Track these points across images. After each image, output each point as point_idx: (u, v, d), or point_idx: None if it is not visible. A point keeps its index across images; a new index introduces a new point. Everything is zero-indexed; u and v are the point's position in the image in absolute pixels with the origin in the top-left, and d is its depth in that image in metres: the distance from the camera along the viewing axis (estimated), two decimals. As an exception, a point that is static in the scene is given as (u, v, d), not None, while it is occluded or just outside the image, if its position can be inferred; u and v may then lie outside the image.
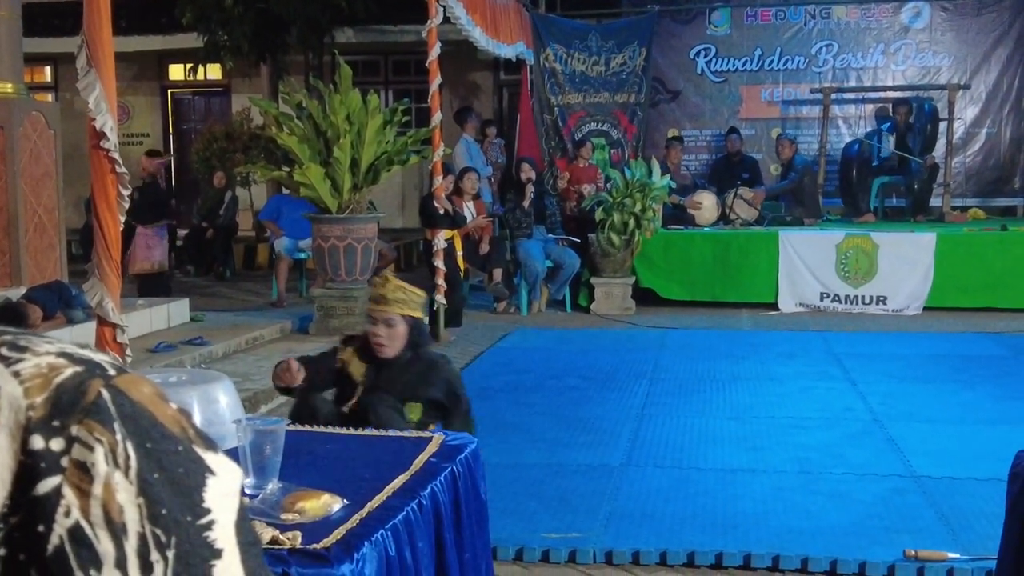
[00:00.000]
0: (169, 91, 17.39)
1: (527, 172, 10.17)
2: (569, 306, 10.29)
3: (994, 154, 12.93)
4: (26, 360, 0.58)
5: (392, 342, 3.72)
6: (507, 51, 11.29)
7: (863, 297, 9.90)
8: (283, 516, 1.87)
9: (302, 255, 10.71)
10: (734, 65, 13.15)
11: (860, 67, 13.03)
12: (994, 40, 12.80)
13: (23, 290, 7.16)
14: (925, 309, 9.77)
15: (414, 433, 2.40)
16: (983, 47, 12.82)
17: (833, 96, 12.57)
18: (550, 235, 10.36)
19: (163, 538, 0.57)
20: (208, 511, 0.60)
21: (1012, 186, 12.98)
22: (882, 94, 12.79)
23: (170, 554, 0.57)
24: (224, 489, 0.61)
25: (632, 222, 9.78)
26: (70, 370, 0.58)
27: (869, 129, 12.56)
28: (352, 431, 2.55)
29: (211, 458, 0.62)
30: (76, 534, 0.54)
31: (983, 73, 12.82)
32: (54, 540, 0.54)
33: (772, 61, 13.11)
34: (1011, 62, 12.80)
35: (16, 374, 0.57)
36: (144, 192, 10.28)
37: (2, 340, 0.58)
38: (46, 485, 0.54)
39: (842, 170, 12.13)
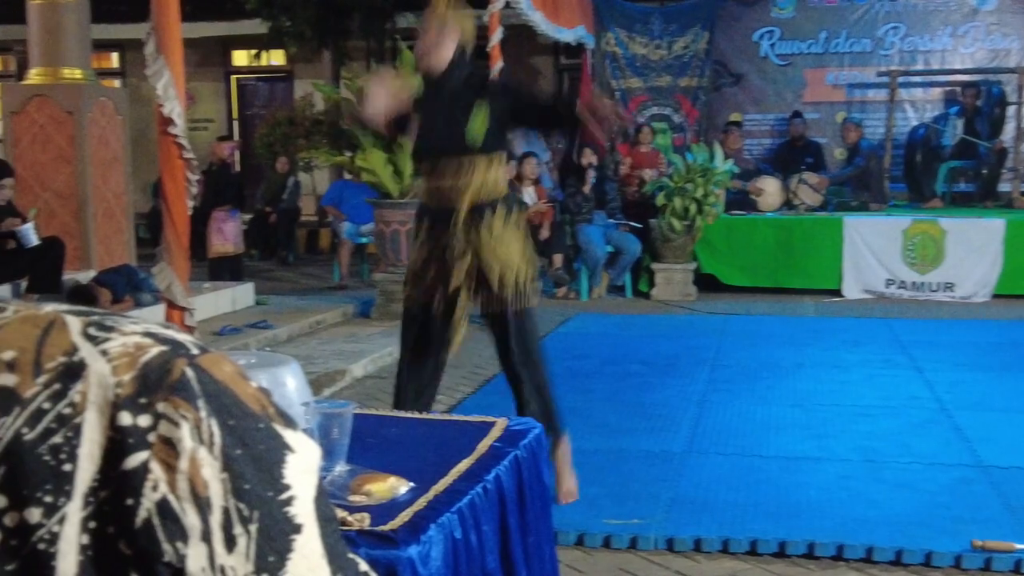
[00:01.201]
0: (233, 77, 17.58)
1: (588, 157, 10.15)
2: (629, 292, 10.26)
3: (1066, 138, 12.62)
4: (113, 339, 0.59)
5: (435, 53, 3.82)
6: (568, 35, 11.25)
7: (930, 284, 9.74)
8: (351, 498, 1.89)
9: (364, 240, 10.80)
10: (799, 48, 12.98)
11: (927, 50, 12.78)
12: (1067, 21, 12.48)
13: (92, 273, 7.31)
14: (994, 296, 9.60)
15: (478, 418, 2.41)
16: (1055, 29, 12.51)
17: (900, 79, 12.35)
18: (611, 220, 10.33)
19: (246, 512, 0.58)
20: (288, 487, 0.61)
21: (1085, 171, 12.66)
22: (950, 77, 12.54)
23: (253, 528, 0.58)
24: (303, 466, 0.62)
25: (693, 207, 9.72)
26: (155, 349, 0.59)
27: (936, 113, 12.33)
28: (417, 415, 2.57)
29: (291, 436, 0.63)
30: (163, 508, 0.55)
31: (1054, 56, 12.51)
32: (142, 513, 0.55)
33: (838, 44, 12.91)
34: (1084, 44, 12.47)
35: (104, 352, 0.58)
36: (216, 177, 10.42)
37: (90, 320, 0.60)
38: (134, 460, 0.55)
39: (908, 155, 11.91)
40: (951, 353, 7.24)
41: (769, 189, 10.61)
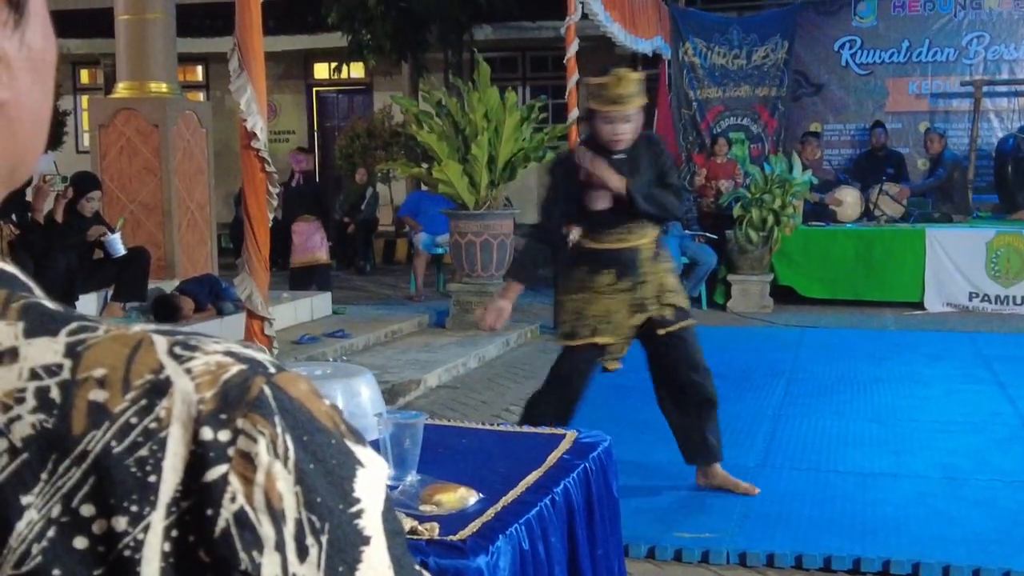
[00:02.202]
0: (314, 89, 17.86)
1: (664, 168, 10.10)
2: (705, 303, 10.19)
3: None
4: (197, 358, 0.62)
5: (632, 135, 4.11)
6: (645, 46, 11.23)
7: (1014, 297, 9.52)
8: (421, 507, 1.93)
9: (440, 250, 10.88)
10: (880, 57, 12.78)
11: (1013, 59, 12.50)
12: None
13: (176, 283, 7.49)
14: (1081, 310, 9.35)
15: (547, 430, 2.44)
16: None
17: (984, 89, 12.10)
18: (686, 231, 10.27)
19: (318, 524, 0.61)
20: (358, 500, 0.64)
21: None
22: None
23: (323, 539, 0.61)
24: (372, 481, 0.65)
25: (771, 218, 9.63)
26: (236, 368, 0.63)
27: (1023, 123, 12.05)
28: (487, 426, 2.60)
29: (360, 451, 0.66)
30: (241, 518, 0.58)
31: None
32: (221, 523, 0.58)
33: (920, 53, 12.69)
34: None
35: (188, 371, 0.61)
36: (300, 188, 10.58)
37: (175, 340, 0.63)
38: (214, 472, 0.59)
39: (998, 165, 11.66)
40: (1035, 368, 7.07)
41: (848, 200, 10.47)
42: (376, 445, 2.01)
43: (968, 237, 9.73)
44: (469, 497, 1.97)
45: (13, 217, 6.54)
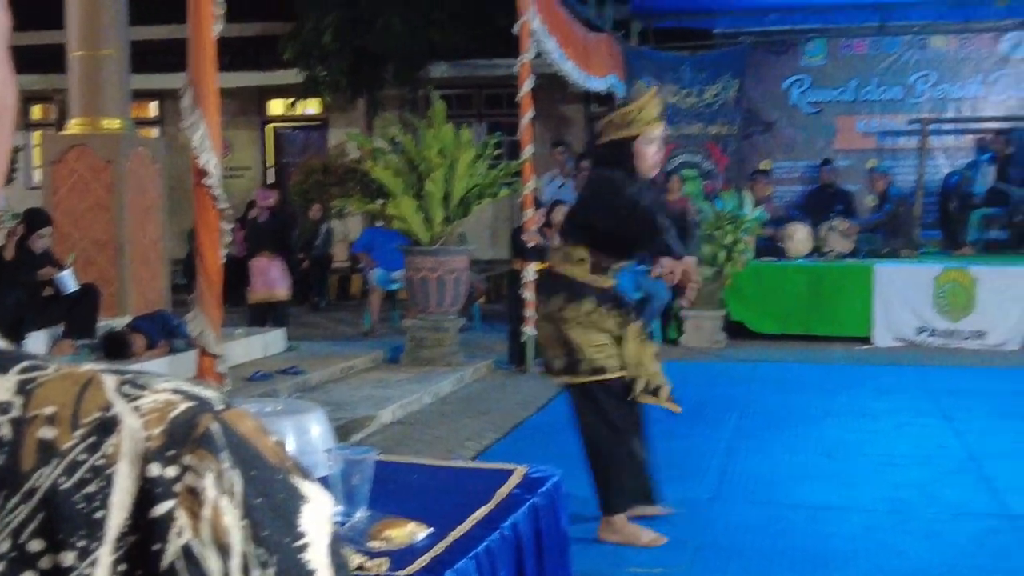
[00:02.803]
0: (269, 125, 17.83)
1: (618, 204, 10.19)
2: (659, 338, 10.25)
3: (1099, 185, 12.56)
4: (145, 396, 0.65)
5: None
6: (599, 84, 11.36)
7: (961, 332, 9.69)
8: (370, 543, 1.94)
9: (394, 286, 10.89)
10: (829, 96, 13.03)
11: (958, 97, 12.80)
12: (1099, 69, 12.47)
13: (128, 319, 7.43)
14: (1026, 344, 9.53)
15: (498, 465, 2.46)
16: (1087, 75, 12.50)
17: (931, 127, 12.37)
18: (640, 267, 10.35)
19: (264, 557, 0.63)
20: (304, 534, 0.66)
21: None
22: (981, 125, 12.53)
23: (270, 572, 0.63)
24: (318, 515, 0.67)
25: (723, 254, 9.74)
26: (184, 405, 0.65)
27: (968, 160, 12.31)
28: (438, 462, 2.62)
29: (306, 486, 0.68)
30: (187, 552, 0.60)
31: (1087, 102, 12.49)
32: (168, 558, 0.60)
33: (868, 92, 12.95)
34: (1116, 90, 12.45)
35: (136, 408, 0.64)
36: (265, 224, 10.53)
37: (124, 378, 0.66)
38: (162, 508, 0.61)
39: (942, 202, 11.90)
40: (981, 401, 7.19)
41: (798, 236, 10.62)
42: (326, 481, 2.02)
43: (915, 272, 9.90)
44: (418, 532, 1.99)
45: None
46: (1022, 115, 12.33)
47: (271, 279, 10.06)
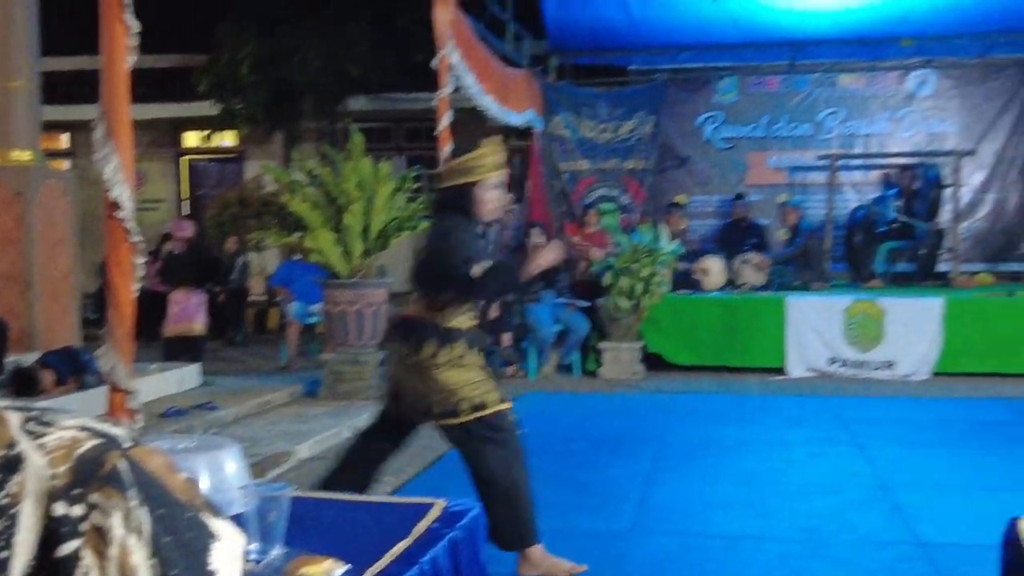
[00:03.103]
0: (184, 158, 17.62)
1: (536, 237, 10.27)
2: (578, 370, 10.33)
3: (1001, 219, 13.01)
4: (50, 434, 0.64)
5: None
6: (517, 119, 11.45)
7: (871, 362, 9.91)
8: (287, 581, 1.91)
9: (313, 320, 10.80)
10: (741, 132, 13.32)
11: (866, 134, 13.18)
12: (1000, 106, 12.94)
13: (37, 355, 7.24)
14: (934, 374, 9.77)
15: (416, 499, 2.45)
16: (989, 113, 12.96)
17: (840, 162, 12.71)
18: (559, 299, 10.42)
19: None
20: (214, 573, 0.65)
21: (1020, 251, 13.03)
22: (888, 160, 12.91)
23: None
24: (228, 553, 0.67)
25: (640, 287, 9.85)
26: (90, 443, 0.64)
27: (875, 195, 12.67)
28: (356, 497, 2.60)
29: (216, 524, 0.68)
30: None
31: (989, 139, 12.94)
32: None
33: (779, 128, 13.27)
34: (1017, 128, 12.93)
35: (41, 447, 0.63)
36: (183, 256, 10.36)
37: (29, 416, 0.64)
38: (68, 547, 0.60)
39: (848, 235, 12.21)
40: (891, 430, 7.36)
41: (713, 269, 10.80)
42: (241, 519, 1.99)
43: (826, 304, 10.11)
44: (335, 569, 1.97)
45: None
46: (927, 151, 12.73)
47: (188, 312, 9.89)
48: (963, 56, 12.90)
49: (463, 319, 4.23)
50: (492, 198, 4.21)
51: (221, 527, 0.67)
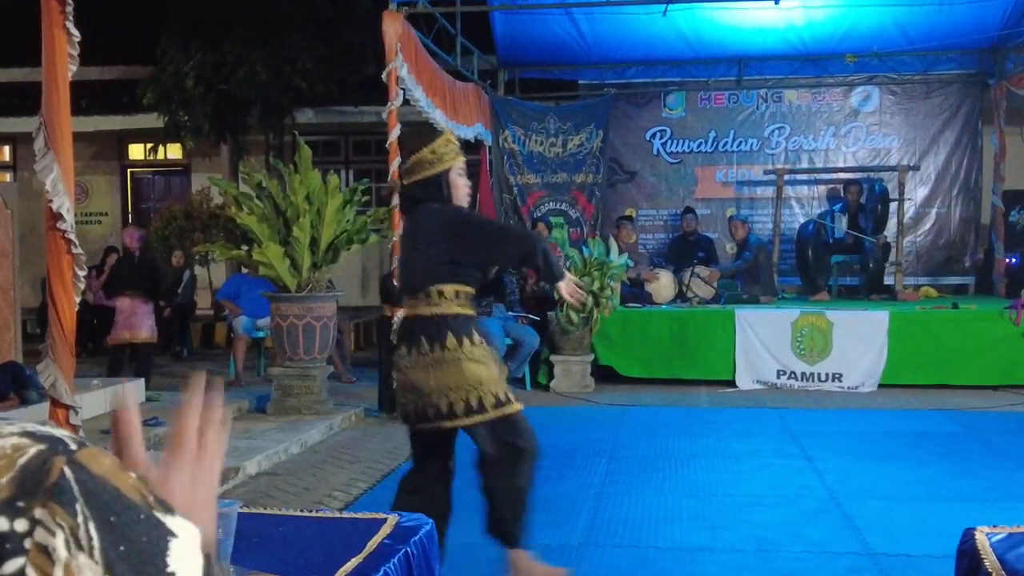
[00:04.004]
0: (129, 170, 17.39)
1: (486, 251, 10.23)
2: (529, 384, 10.30)
3: (944, 233, 13.22)
4: None
5: None
6: (466, 132, 11.44)
7: (819, 374, 9.99)
8: (235, 600, 1.86)
9: (261, 334, 10.69)
10: (689, 147, 13.43)
11: (812, 149, 13.35)
12: (942, 122, 13.17)
13: (-24, 371, 7.07)
14: (880, 386, 9.87)
15: (368, 515, 2.40)
16: (932, 129, 13.18)
17: (786, 177, 12.84)
18: (509, 313, 10.40)
19: None
20: (173, 572, 0.61)
21: (962, 265, 13.25)
22: (834, 175, 13.07)
23: None
24: (186, 550, 0.63)
25: (590, 300, 9.86)
26: (33, 449, 0.60)
27: (822, 209, 12.81)
28: (306, 513, 2.54)
29: (171, 521, 0.64)
30: None
31: (932, 154, 13.16)
32: None
33: (726, 143, 13.39)
34: (959, 143, 13.15)
35: (-18, 456, 0.58)
36: (132, 265, 10.13)
37: None
38: (11, 566, 0.56)
39: (799, 249, 12.34)
40: (840, 442, 7.41)
41: (663, 281, 10.85)
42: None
43: (774, 317, 10.19)
44: (286, 587, 1.92)
45: None
46: (871, 166, 12.90)
47: (134, 320, 9.69)
48: (906, 72, 13.11)
49: (470, 310, 4.18)
50: (464, 183, 4.19)
51: (176, 524, 0.63)
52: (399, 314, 8.67)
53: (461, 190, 4.19)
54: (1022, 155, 13.86)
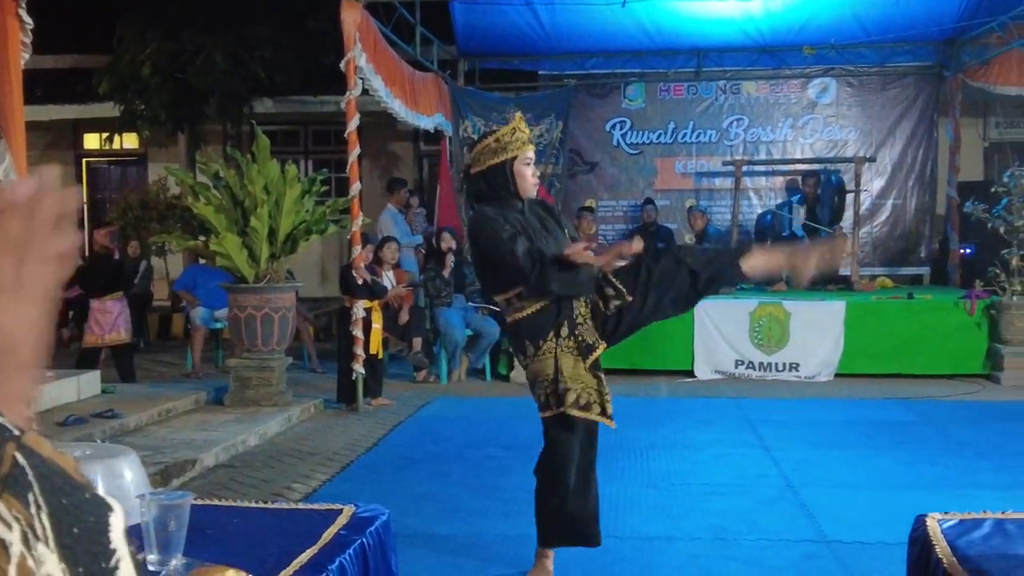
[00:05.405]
0: (84, 160, 17.17)
1: (448, 242, 10.23)
2: (489, 375, 10.31)
3: (900, 224, 13.36)
4: None
5: None
6: (426, 122, 11.41)
7: (776, 364, 10.08)
8: (188, 592, 1.85)
9: (218, 325, 10.61)
10: (648, 138, 13.46)
11: (770, 140, 13.43)
12: (898, 114, 13.29)
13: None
14: (836, 375, 9.97)
15: (324, 506, 2.39)
16: (888, 121, 13.30)
17: (744, 168, 12.91)
18: (470, 304, 10.40)
19: None
20: (115, 551, 0.61)
21: (918, 255, 13.40)
22: (791, 167, 13.16)
23: None
24: (120, 522, 0.63)
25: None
26: None
27: (780, 200, 12.90)
28: (261, 504, 2.53)
29: (105, 496, 0.64)
30: None
31: (888, 146, 13.29)
32: None
33: (685, 134, 13.45)
34: (915, 135, 13.29)
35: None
36: (97, 264, 9.94)
37: None
38: None
39: (758, 240, 12.41)
40: (797, 431, 7.48)
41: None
42: (139, 529, 1.91)
43: (733, 308, 10.25)
44: (239, 579, 1.90)
45: None
46: (828, 158, 13.00)
47: (119, 322, 9.52)
48: (863, 65, 13.22)
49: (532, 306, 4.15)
50: (530, 172, 4.11)
51: (108, 497, 0.63)
52: (358, 306, 8.65)
53: (528, 180, 4.10)
54: (977, 147, 14.07)
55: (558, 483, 4.15)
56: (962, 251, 12.75)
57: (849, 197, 12.31)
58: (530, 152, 4.13)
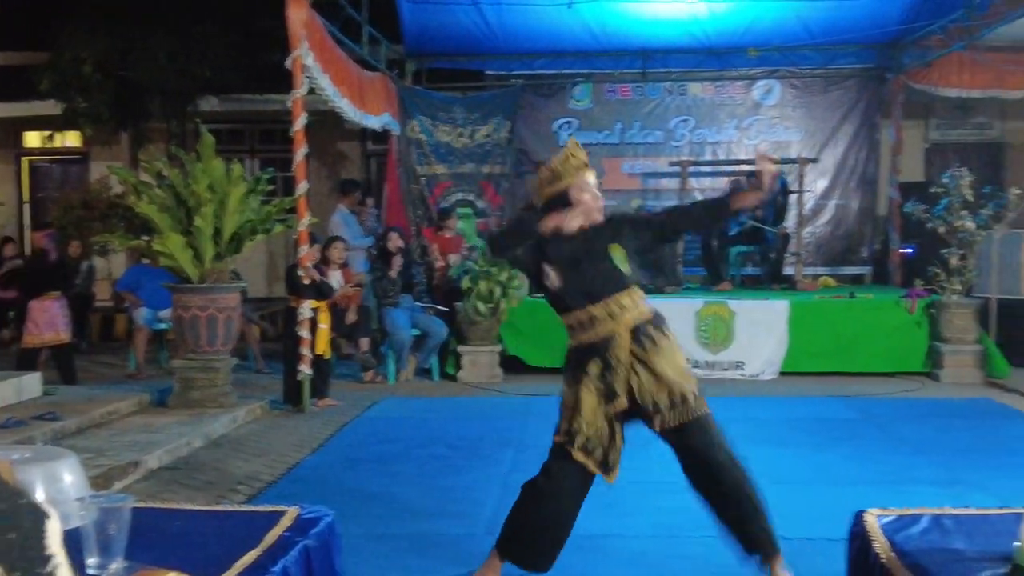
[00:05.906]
0: (24, 158, 16.88)
1: (395, 241, 10.20)
2: (437, 374, 10.29)
3: (842, 225, 13.55)
4: None
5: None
6: (374, 122, 11.36)
7: (722, 363, 10.17)
8: (129, 596, 1.82)
9: (162, 325, 10.50)
10: (595, 138, 13.52)
11: (715, 141, 13.56)
12: (841, 116, 13.48)
13: None
14: (781, 374, 10.09)
15: (268, 507, 2.38)
16: (831, 122, 13.49)
17: (690, 169, 13.02)
18: (417, 304, 10.38)
19: None
20: (52, 556, 0.61)
21: (860, 255, 13.60)
22: (736, 167, 13.29)
23: None
24: (57, 528, 0.63)
25: (498, 290, 9.88)
26: None
27: (725, 200, 12.98)
28: (204, 507, 2.50)
29: (40, 502, 0.63)
30: None
31: (831, 147, 13.47)
32: None
33: (632, 135, 13.53)
34: (857, 137, 13.49)
35: None
36: (34, 265, 9.77)
37: None
38: None
39: (702, 240, 12.51)
40: (741, 429, 7.46)
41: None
42: (78, 533, 1.89)
43: (678, 307, 10.30)
44: (181, 582, 1.89)
45: None
46: (772, 159, 13.11)
47: (57, 321, 9.37)
48: (807, 66, 13.39)
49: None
50: (589, 198, 4.05)
51: (46, 506, 0.63)
52: (305, 306, 8.59)
53: (588, 206, 4.04)
54: (918, 148, 14.31)
55: (537, 507, 4.15)
56: (903, 251, 12.96)
57: (793, 197, 12.45)
58: (587, 177, 4.08)
